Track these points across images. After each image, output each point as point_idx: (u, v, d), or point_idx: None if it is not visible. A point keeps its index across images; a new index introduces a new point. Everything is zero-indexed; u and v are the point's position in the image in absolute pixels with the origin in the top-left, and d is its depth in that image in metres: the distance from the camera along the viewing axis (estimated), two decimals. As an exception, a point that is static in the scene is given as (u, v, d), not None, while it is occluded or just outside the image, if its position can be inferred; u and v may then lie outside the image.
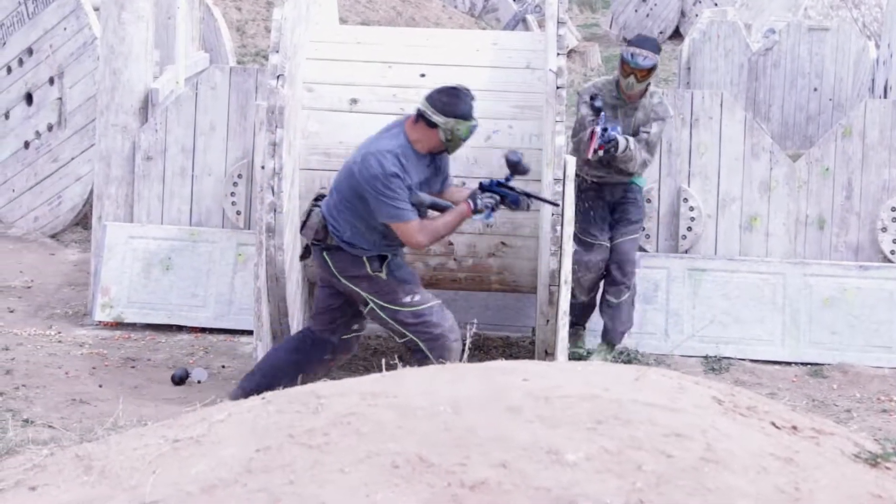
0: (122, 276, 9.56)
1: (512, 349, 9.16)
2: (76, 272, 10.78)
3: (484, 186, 7.45)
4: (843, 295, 9.19)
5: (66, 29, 11.55)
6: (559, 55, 7.97)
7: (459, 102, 7.20)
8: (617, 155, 8.51)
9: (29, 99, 11.83)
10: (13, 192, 11.93)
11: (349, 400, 4.32)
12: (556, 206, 7.79)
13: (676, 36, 24.17)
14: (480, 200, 7.35)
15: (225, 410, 4.52)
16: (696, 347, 9.08)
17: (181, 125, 9.77)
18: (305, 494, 3.84)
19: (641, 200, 8.96)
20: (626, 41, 8.80)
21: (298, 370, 7.39)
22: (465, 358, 5.72)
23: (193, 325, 9.48)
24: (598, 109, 8.48)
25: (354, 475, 3.90)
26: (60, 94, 11.61)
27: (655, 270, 9.25)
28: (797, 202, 9.42)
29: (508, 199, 7.44)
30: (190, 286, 9.51)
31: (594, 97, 8.55)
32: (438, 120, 7.16)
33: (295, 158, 8.15)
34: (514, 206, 7.45)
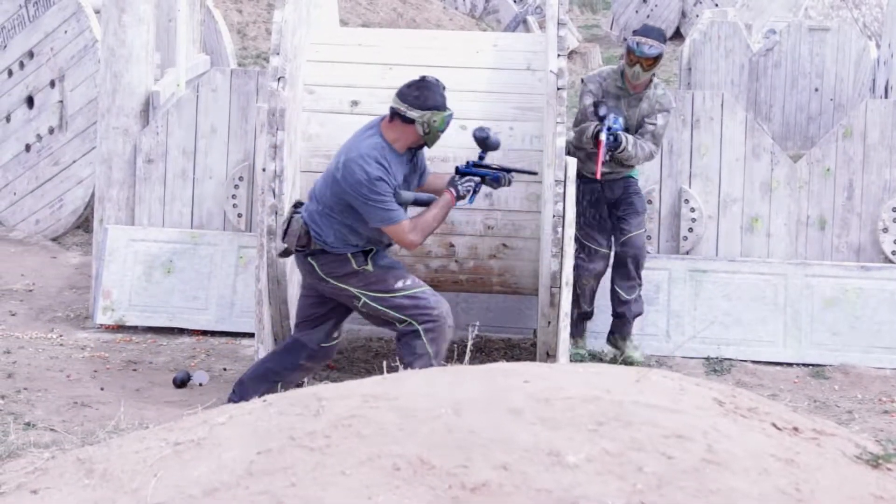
0: (123, 279, 9.56)
1: (513, 351, 9.16)
2: (77, 275, 10.78)
3: (461, 170, 7.39)
4: (844, 296, 9.19)
5: (66, 32, 11.56)
6: (560, 56, 7.96)
7: (431, 94, 7.14)
8: (616, 155, 8.55)
9: (30, 102, 11.84)
10: (14, 195, 11.93)
11: (350, 402, 4.32)
12: (534, 174, 7.74)
13: (677, 37, 24.18)
14: (461, 186, 7.30)
15: (226, 413, 4.52)
16: (697, 349, 9.07)
17: (182, 128, 9.77)
18: (307, 497, 3.84)
19: (641, 191, 8.99)
20: (634, 33, 8.81)
21: (276, 377, 7.37)
22: (466, 360, 5.72)
23: (195, 327, 9.48)
24: (601, 117, 8.49)
25: (356, 477, 3.90)
26: (61, 97, 11.62)
27: (657, 272, 9.24)
28: (798, 203, 9.41)
29: (488, 178, 7.39)
30: (191, 289, 9.51)
31: (598, 105, 8.55)
32: (414, 115, 7.10)
33: (296, 161, 8.15)
34: (495, 183, 7.40)
